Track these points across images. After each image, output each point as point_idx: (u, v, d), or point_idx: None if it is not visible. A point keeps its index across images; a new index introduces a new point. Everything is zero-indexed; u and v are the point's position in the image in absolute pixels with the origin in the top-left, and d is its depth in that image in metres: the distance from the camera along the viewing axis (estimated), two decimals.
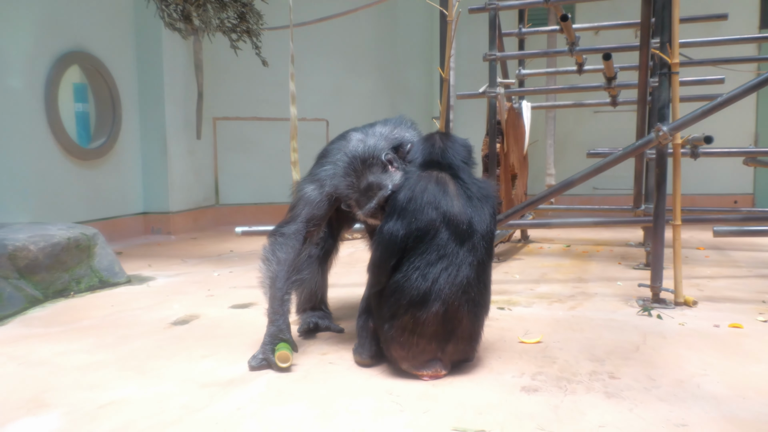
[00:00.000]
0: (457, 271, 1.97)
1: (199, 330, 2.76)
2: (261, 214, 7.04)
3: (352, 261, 4.26)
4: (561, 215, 5.70)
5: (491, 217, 2.08)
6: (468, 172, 2.16)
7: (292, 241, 2.29)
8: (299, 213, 2.32)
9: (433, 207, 1.98)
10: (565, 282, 3.69)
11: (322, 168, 2.35)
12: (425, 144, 2.19)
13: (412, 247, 1.97)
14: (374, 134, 2.31)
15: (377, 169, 2.18)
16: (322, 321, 2.68)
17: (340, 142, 2.36)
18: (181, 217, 6.33)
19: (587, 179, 3.21)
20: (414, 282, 1.96)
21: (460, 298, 1.98)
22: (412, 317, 1.98)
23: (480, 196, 2.08)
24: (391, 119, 2.44)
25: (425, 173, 2.07)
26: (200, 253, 5.10)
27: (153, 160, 6.13)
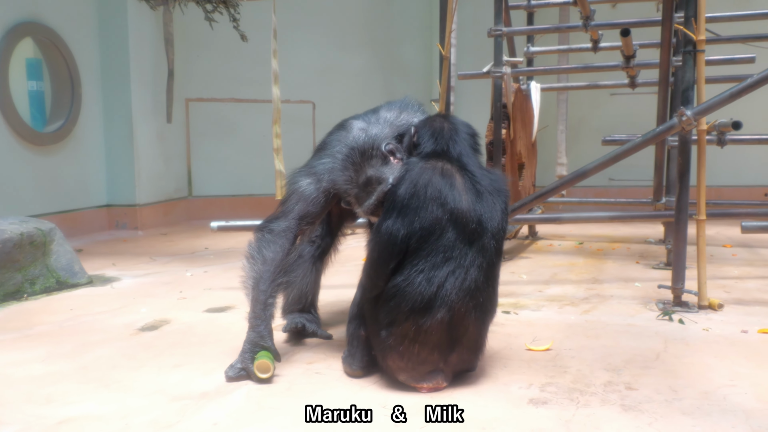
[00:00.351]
0: (465, 274, 1.97)
1: (169, 336, 2.75)
2: (239, 207, 7.02)
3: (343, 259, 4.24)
4: (573, 209, 5.72)
5: (503, 214, 2.07)
6: (477, 162, 2.15)
7: (281, 240, 2.28)
8: (291, 208, 2.32)
9: (438, 203, 1.96)
10: (578, 283, 3.71)
11: (320, 161, 2.34)
12: (426, 129, 2.18)
13: (415, 248, 1.96)
14: (378, 121, 2.31)
15: (377, 162, 2.17)
16: (310, 324, 2.68)
17: (340, 133, 2.36)
18: (149, 210, 6.31)
19: (602, 169, 3.22)
20: (417, 286, 1.95)
21: (468, 303, 1.98)
22: (414, 324, 1.97)
23: (491, 190, 2.07)
24: (396, 102, 2.44)
25: (428, 164, 2.05)
26: (171, 250, 5.08)
27: (117, 146, 6.09)
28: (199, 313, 3.14)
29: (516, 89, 4.79)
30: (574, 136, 7.44)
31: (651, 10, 6.62)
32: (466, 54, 6.83)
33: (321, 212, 2.36)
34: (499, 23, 4.31)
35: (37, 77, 5.59)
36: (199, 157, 7.11)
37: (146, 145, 6.27)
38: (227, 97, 7.08)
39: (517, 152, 4.89)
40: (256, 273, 2.26)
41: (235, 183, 7.18)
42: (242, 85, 7.07)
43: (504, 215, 2.08)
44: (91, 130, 5.94)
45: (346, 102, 6.38)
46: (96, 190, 6.03)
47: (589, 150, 6.96)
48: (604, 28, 4.62)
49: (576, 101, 7.41)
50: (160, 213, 6.50)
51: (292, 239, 2.31)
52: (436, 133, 2.15)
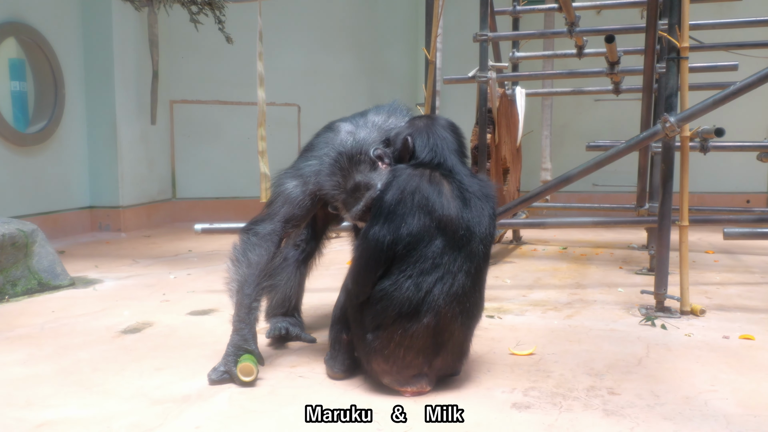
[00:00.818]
0: (453, 279, 1.97)
1: (152, 339, 2.74)
2: (223, 209, 6.99)
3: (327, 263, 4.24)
4: (557, 214, 5.74)
5: (490, 219, 2.08)
6: (464, 166, 2.14)
7: (266, 243, 2.27)
8: (277, 211, 2.31)
9: (426, 211, 1.96)
10: (562, 288, 3.72)
11: (307, 162, 2.33)
12: (411, 133, 2.17)
13: (403, 255, 1.96)
14: (366, 125, 2.30)
15: (365, 167, 2.17)
16: (293, 329, 2.67)
17: (328, 134, 2.35)
18: (132, 212, 6.26)
19: (586, 174, 3.24)
20: (405, 291, 1.95)
21: (454, 309, 1.99)
22: (401, 329, 1.97)
23: (480, 196, 2.07)
24: (384, 106, 2.43)
25: (416, 171, 2.04)
26: (154, 252, 5.05)
27: (100, 148, 6.05)
28: (182, 316, 3.12)
29: (501, 94, 4.82)
30: (559, 142, 7.49)
31: (635, 17, 6.68)
32: (452, 58, 6.85)
33: (307, 215, 2.35)
34: (485, 28, 4.33)
35: (20, 77, 5.54)
36: (184, 159, 7.07)
37: (130, 146, 6.23)
38: (212, 99, 7.05)
39: (502, 157, 4.91)
40: (240, 276, 2.25)
41: (219, 185, 7.14)
42: (227, 87, 7.04)
43: (492, 221, 2.08)
44: (74, 131, 5.89)
45: (331, 105, 6.38)
46: (79, 192, 5.98)
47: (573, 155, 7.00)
48: (589, 34, 4.66)
49: (561, 107, 7.45)
50: (143, 215, 6.46)
51: (277, 242, 2.30)
52: (421, 136, 2.14)
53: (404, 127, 2.22)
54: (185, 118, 7.03)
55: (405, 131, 2.18)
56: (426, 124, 2.18)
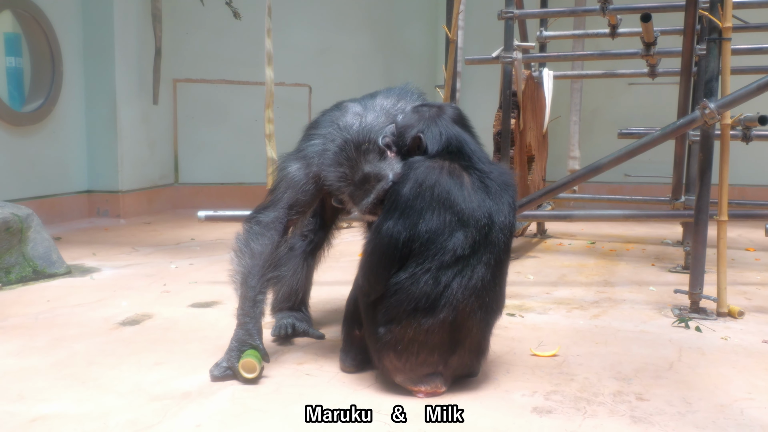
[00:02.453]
0: (472, 272, 1.99)
1: (151, 332, 2.76)
2: (228, 196, 7.02)
3: (337, 254, 4.25)
4: (585, 206, 5.72)
5: (510, 208, 2.10)
6: (483, 155, 2.16)
7: (269, 231, 2.29)
8: (280, 197, 2.32)
9: (446, 206, 1.98)
10: (588, 285, 3.71)
11: (310, 142, 2.34)
12: (420, 128, 2.17)
13: (420, 251, 1.98)
14: (374, 108, 2.29)
15: (374, 156, 2.15)
16: (300, 324, 2.69)
17: (334, 113, 2.35)
18: (132, 197, 6.31)
19: (618, 164, 3.22)
20: (423, 286, 1.97)
21: (473, 303, 2.00)
22: (416, 323, 1.99)
23: (500, 184, 2.09)
24: (395, 89, 2.42)
25: (435, 163, 2.05)
26: (155, 240, 5.09)
27: (100, 129, 6.09)
28: (183, 308, 3.14)
29: (527, 76, 4.79)
30: (588, 128, 7.44)
31: None
32: (474, 37, 6.81)
33: (311, 200, 2.36)
34: (511, 5, 4.30)
35: (15, 53, 5.58)
36: (187, 141, 7.10)
37: (130, 127, 6.27)
38: (217, 79, 7.07)
39: (527, 144, 4.89)
40: (244, 268, 2.27)
41: (224, 170, 7.17)
42: (234, 66, 7.05)
43: (512, 210, 2.10)
44: (71, 110, 5.93)
45: (344, 86, 6.37)
46: (76, 175, 6.03)
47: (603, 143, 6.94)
48: (624, 12, 4.61)
49: (591, 90, 7.40)
50: (143, 200, 6.50)
51: (281, 231, 2.31)
52: (432, 132, 2.15)
53: (410, 117, 2.21)
54: (189, 98, 7.05)
55: (413, 125, 2.17)
56: (436, 114, 2.19)
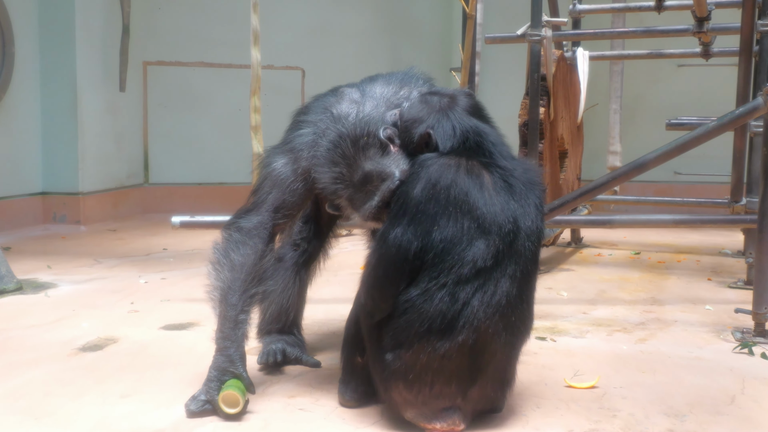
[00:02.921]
0: (495, 287, 1.97)
1: (117, 358, 2.75)
2: (208, 198, 7.03)
3: (335, 266, 4.24)
4: (628, 210, 5.70)
5: (538, 211, 2.08)
6: (505, 150, 2.15)
7: (252, 239, 2.28)
8: (264, 198, 2.32)
9: (464, 210, 1.96)
10: (632, 304, 3.70)
11: (298, 132, 2.33)
12: (430, 124, 2.16)
13: (433, 263, 1.97)
14: (373, 96, 2.27)
15: (375, 152, 2.13)
16: (292, 349, 2.67)
17: (328, 99, 2.34)
18: (95, 200, 6.31)
19: (666, 160, 3.21)
20: (438, 303, 1.95)
21: (496, 324, 1.98)
22: (429, 347, 1.97)
23: (524, 183, 2.08)
24: (397, 74, 2.41)
25: (450, 160, 2.03)
26: (121, 251, 5.08)
27: (57, 120, 6.10)
28: (154, 330, 3.14)
29: (558, 57, 4.78)
30: (631, 118, 7.43)
31: None
32: (496, 12, 6.81)
33: (300, 201, 2.35)
34: None
35: None
36: (159, 134, 7.11)
37: (93, 118, 6.28)
38: (195, 61, 7.08)
39: (559, 137, 4.88)
40: (223, 282, 2.26)
41: (203, 168, 7.18)
42: (214, 47, 7.06)
43: (539, 212, 2.09)
44: (25, 99, 5.94)
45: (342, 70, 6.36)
46: (29, 174, 6.04)
47: (649, 135, 6.93)
48: None
49: (634, 74, 7.38)
50: (108, 204, 6.51)
51: (266, 238, 2.31)
52: (443, 126, 2.14)
53: (417, 109, 2.19)
54: (162, 83, 7.07)
55: (421, 119, 2.15)
56: (447, 104, 2.17)
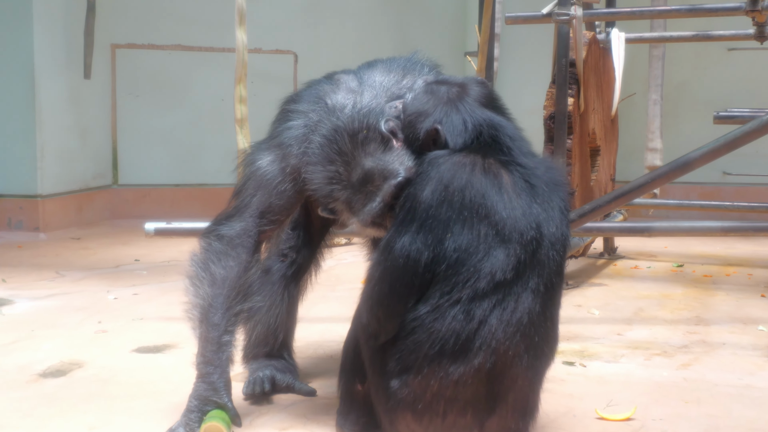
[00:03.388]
0: (516, 302, 1.97)
1: (82, 386, 2.76)
2: (186, 202, 7.02)
3: (331, 280, 4.26)
4: (669, 216, 5.70)
5: (563, 216, 2.09)
6: (524, 145, 2.16)
7: (235, 249, 2.29)
8: (247, 202, 2.33)
9: (481, 215, 1.96)
10: (674, 323, 3.70)
11: (287, 123, 2.34)
12: (437, 118, 2.17)
13: (446, 276, 1.98)
14: (372, 84, 2.29)
15: (375, 147, 2.14)
16: (283, 376, 2.68)
17: (322, 86, 2.36)
18: (56, 203, 6.31)
19: (714, 159, 3.21)
20: (451, 322, 1.95)
21: (518, 344, 1.98)
22: (441, 372, 1.97)
23: (547, 183, 2.09)
24: (399, 59, 2.42)
25: (464, 158, 2.04)
26: (87, 262, 5.10)
27: (11, 111, 6.11)
28: (125, 354, 3.15)
29: (590, 40, 4.79)
30: (673, 110, 7.42)
31: None
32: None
33: (289, 205, 2.36)
34: None
35: None
36: (130, 128, 7.11)
37: (54, 110, 6.28)
38: (171, 44, 7.09)
39: (590, 131, 4.89)
40: (203, 299, 2.27)
41: (180, 167, 7.17)
42: (193, 27, 7.06)
43: (564, 217, 2.10)
44: None
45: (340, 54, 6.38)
46: None
47: (694, 130, 6.93)
48: None
49: (677, 59, 7.38)
50: (71, 208, 6.51)
51: (251, 247, 2.32)
52: (452, 120, 2.15)
53: (422, 100, 2.20)
54: (133, 69, 7.07)
55: (427, 112, 2.16)
56: (457, 95, 2.18)
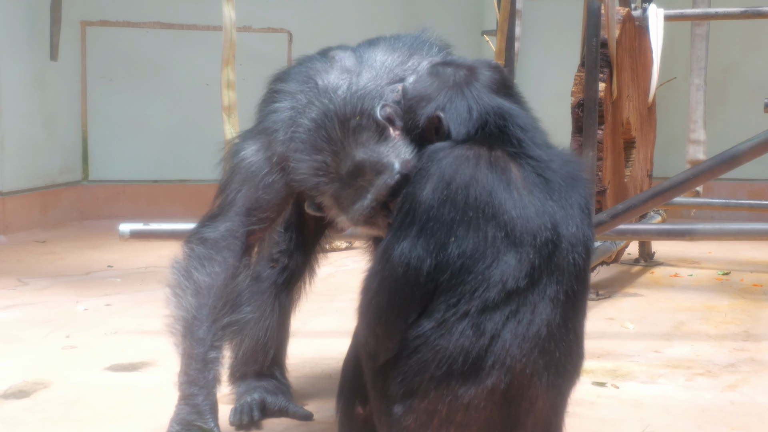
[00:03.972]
0: (532, 314, 1.96)
1: (49, 408, 2.76)
2: (165, 200, 7.04)
3: (330, 289, 4.26)
4: (714, 217, 5.69)
5: (583, 214, 2.08)
6: (538, 135, 2.15)
7: (220, 253, 2.30)
8: (232, 198, 2.33)
9: (488, 215, 1.95)
10: (720, 339, 3.70)
11: (272, 106, 2.34)
12: (439, 103, 2.17)
13: (450, 286, 1.97)
14: (372, 64, 2.29)
15: (369, 136, 2.13)
16: (274, 398, 2.69)
17: (314, 64, 2.35)
18: (17, 201, 6.33)
19: (764, 152, 3.21)
20: (459, 338, 1.93)
21: (535, 361, 1.97)
22: (450, 396, 1.97)
23: (564, 177, 2.08)
24: (405, 38, 2.42)
25: (467, 150, 2.03)
26: (53, 268, 5.11)
27: None
28: (97, 372, 3.15)
29: (624, 17, 4.80)
30: (719, 97, 7.42)
31: None
32: None
33: (279, 200, 2.35)
34: None
35: None
36: (102, 116, 7.12)
37: (15, 95, 6.29)
38: (149, 21, 7.10)
39: (624, 121, 4.89)
40: (186, 311, 2.27)
41: (159, 161, 7.18)
42: (174, 2, 7.07)
43: (585, 215, 2.08)
44: None
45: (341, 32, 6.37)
46: None
47: (742, 120, 6.94)
48: None
49: (723, 39, 7.37)
50: (35, 207, 6.52)
51: (238, 250, 2.32)
52: (456, 105, 2.14)
53: (425, 83, 2.19)
54: (106, 50, 7.08)
55: (429, 96, 2.16)
56: (464, 78, 2.17)
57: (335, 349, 3.10)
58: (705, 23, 6.19)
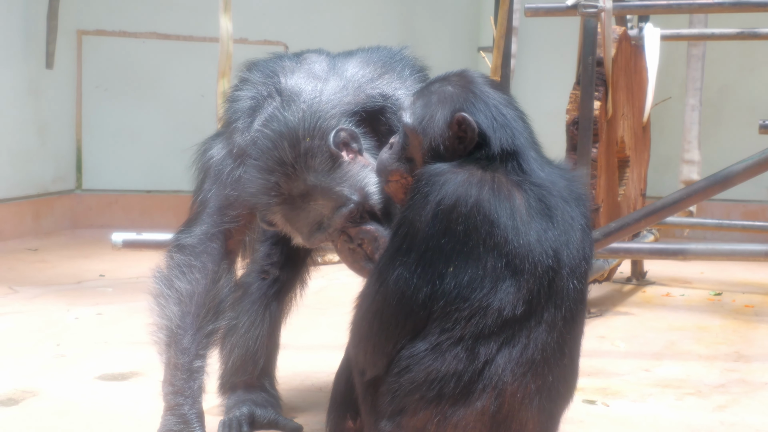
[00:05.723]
0: (528, 339, 1.95)
1: (38, 417, 2.76)
2: (158, 210, 7.02)
3: (323, 302, 4.26)
4: (707, 237, 5.69)
5: (585, 236, 2.07)
6: (538, 155, 2.13)
7: (199, 258, 2.30)
8: (204, 200, 2.33)
9: (489, 245, 1.93)
10: (711, 359, 3.70)
11: (235, 94, 2.34)
12: (458, 105, 2.14)
13: (446, 312, 1.96)
14: (342, 74, 2.29)
15: (321, 162, 2.12)
16: (264, 411, 2.68)
17: (283, 61, 2.35)
18: (10, 209, 6.31)
19: (758, 173, 3.21)
20: (452, 361, 1.93)
21: (527, 385, 1.96)
22: (439, 416, 1.96)
23: (566, 199, 2.06)
24: (382, 51, 2.43)
25: (469, 174, 1.98)
26: (44, 277, 5.10)
27: None
28: (87, 382, 3.15)
29: (620, 36, 4.81)
30: (714, 117, 7.43)
31: None
32: None
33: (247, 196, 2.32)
34: None
35: None
36: (96, 126, 7.11)
37: (9, 103, 6.29)
38: (145, 31, 7.09)
39: (619, 140, 4.90)
40: (170, 320, 2.27)
41: (152, 171, 7.17)
42: (171, 13, 7.08)
43: (586, 237, 2.07)
44: None
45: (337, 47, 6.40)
46: None
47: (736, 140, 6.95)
48: None
49: (719, 60, 7.40)
50: (27, 215, 6.51)
51: (216, 253, 2.31)
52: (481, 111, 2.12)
53: (425, 96, 2.16)
54: (101, 60, 7.07)
55: (441, 101, 2.13)
56: (467, 85, 2.15)
57: (327, 363, 3.10)
58: (701, 44, 6.22)
